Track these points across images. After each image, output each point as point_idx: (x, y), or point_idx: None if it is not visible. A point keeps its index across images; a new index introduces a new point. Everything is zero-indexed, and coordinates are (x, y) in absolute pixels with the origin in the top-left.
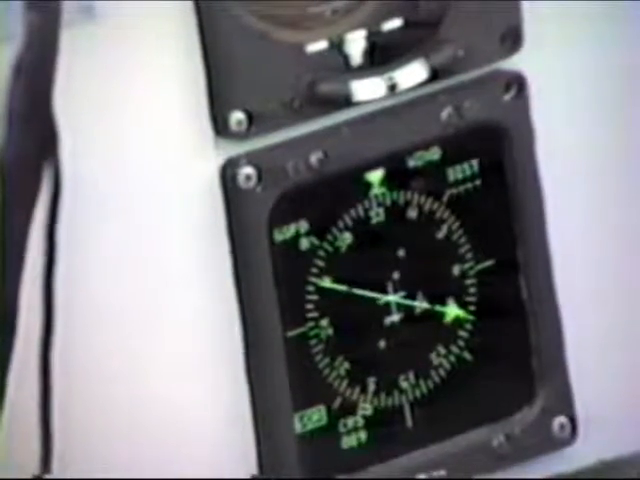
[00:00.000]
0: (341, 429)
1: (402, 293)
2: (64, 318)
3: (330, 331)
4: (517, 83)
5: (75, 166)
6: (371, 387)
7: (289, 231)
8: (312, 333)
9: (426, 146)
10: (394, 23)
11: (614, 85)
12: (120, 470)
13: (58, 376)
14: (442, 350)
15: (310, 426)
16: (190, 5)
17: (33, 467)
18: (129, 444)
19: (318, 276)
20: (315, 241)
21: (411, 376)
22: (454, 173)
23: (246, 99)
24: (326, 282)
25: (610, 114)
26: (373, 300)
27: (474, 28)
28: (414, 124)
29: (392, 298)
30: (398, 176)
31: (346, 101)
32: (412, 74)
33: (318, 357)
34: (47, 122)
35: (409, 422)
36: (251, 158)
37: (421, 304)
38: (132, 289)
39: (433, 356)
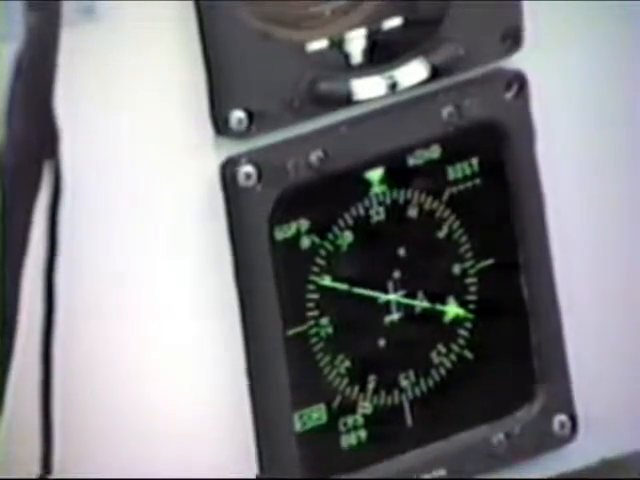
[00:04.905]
0: (341, 428)
1: (402, 292)
2: (64, 318)
3: (330, 330)
4: (518, 82)
5: (75, 166)
6: (371, 386)
7: (290, 230)
8: (312, 332)
9: (426, 145)
10: (394, 22)
11: (614, 85)
12: (120, 470)
13: (59, 376)
14: (442, 349)
15: (310, 425)
16: (190, 5)
17: (33, 467)
18: (129, 444)
19: (318, 275)
20: (316, 240)
21: (411, 375)
22: (454, 172)
23: (246, 98)
24: (326, 281)
25: (610, 114)
26: (373, 299)
27: (475, 27)
28: (414, 123)
29: (392, 297)
30: (398, 175)
31: (346, 100)
32: (412, 73)
33: (318, 356)
34: (47, 122)
35: (409, 421)
36: (251, 157)
37: (421, 303)
38: (131, 288)
39: (433, 355)
